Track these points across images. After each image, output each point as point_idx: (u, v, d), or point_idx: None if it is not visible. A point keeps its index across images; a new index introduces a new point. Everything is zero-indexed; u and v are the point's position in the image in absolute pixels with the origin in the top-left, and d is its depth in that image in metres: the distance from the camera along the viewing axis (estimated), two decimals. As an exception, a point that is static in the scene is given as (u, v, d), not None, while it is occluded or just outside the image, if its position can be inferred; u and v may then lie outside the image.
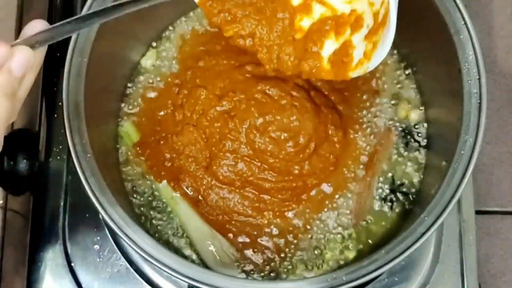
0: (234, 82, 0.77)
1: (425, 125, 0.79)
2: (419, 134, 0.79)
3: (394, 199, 0.77)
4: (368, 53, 0.60)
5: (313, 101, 0.76)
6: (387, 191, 0.77)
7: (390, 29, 0.57)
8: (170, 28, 0.83)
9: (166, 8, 0.80)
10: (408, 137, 0.79)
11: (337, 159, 0.77)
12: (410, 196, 0.77)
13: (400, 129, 0.79)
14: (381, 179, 0.77)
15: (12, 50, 0.42)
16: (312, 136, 0.75)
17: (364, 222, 0.76)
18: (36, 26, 0.44)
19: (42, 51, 0.46)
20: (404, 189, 0.77)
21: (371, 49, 0.60)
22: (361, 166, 0.78)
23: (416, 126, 0.79)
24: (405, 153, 0.78)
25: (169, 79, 0.81)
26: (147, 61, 0.81)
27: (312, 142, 0.75)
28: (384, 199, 0.77)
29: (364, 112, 0.80)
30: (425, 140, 0.79)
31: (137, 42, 0.81)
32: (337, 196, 0.76)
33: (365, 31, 0.60)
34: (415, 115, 0.79)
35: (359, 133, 0.79)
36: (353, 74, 0.61)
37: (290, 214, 0.76)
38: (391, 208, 0.76)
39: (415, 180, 0.77)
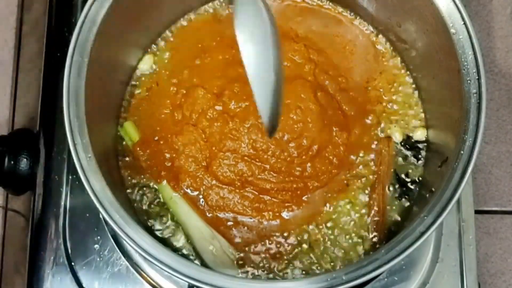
0: (230, 80, 0.77)
1: (425, 124, 0.79)
2: (419, 134, 0.79)
3: (407, 191, 0.77)
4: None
5: (319, 103, 0.76)
6: (399, 188, 0.77)
7: None
8: (167, 32, 0.83)
9: (161, 12, 0.80)
10: (408, 137, 0.79)
11: (340, 162, 0.77)
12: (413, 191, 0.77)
13: (400, 129, 0.79)
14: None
15: None
16: (315, 138, 0.75)
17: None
18: None
19: None
20: (409, 183, 0.77)
21: None
22: (365, 171, 0.78)
23: (416, 126, 0.79)
24: (405, 154, 0.79)
25: (167, 79, 0.81)
26: (144, 65, 0.81)
27: (315, 144, 0.75)
28: (400, 196, 0.77)
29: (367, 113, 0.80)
30: (425, 140, 0.79)
31: (134, 47, 0.81)
32: (339, 200, 0.76)
33: None
34: (414, 115, 0.79)
35: (363, 135, 0.79)
36: None
37: (290, 215, 0.76)
38: (407, 199, 0.77)
39: (414, 180, 0.78)
